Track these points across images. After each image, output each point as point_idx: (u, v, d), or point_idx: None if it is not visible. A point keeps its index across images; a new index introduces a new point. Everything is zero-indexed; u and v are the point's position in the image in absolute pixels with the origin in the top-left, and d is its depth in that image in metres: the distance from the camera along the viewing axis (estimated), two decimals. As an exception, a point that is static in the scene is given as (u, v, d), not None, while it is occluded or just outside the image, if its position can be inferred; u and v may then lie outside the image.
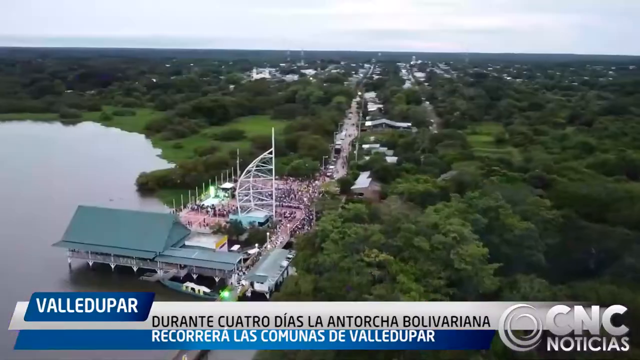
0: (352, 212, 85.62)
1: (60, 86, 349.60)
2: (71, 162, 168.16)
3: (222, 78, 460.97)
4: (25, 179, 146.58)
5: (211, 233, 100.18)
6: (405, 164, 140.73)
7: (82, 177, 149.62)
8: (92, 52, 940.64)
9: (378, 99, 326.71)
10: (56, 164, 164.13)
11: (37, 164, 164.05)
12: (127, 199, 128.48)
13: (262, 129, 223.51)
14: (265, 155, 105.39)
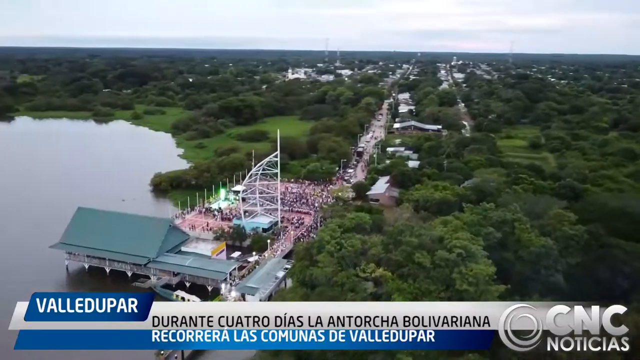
0: (353, 222, 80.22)
1: (98, 85, 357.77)
2: (92, 160, 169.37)
3: (256, 78, 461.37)
4: (42, 176, 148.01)
5: (213, 238, 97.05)
6: (426, 169, 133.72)
7: (100, 175, 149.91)
8: (141, 52, 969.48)
9: (411, 100, 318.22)
10: (77, 162, 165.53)
11: (57, 162, 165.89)
12: (139, 199, 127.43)
13: (288, 130, 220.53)
14: (271, 159, 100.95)
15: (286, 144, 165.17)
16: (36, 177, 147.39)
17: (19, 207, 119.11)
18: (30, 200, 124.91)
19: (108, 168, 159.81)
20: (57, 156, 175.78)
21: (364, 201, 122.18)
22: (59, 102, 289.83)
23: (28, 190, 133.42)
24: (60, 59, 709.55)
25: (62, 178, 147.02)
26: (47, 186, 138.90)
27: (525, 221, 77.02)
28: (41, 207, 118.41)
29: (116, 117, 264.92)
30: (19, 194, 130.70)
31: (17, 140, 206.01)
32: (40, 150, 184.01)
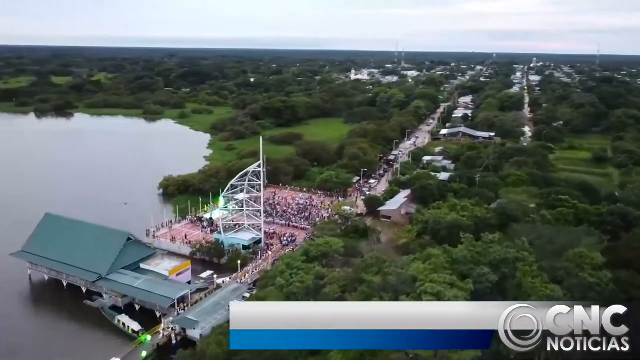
0: (321, 249, 68.30)
1: (159, 84, 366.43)
2: (118, 158, 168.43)
3: (316, 79, 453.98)
4: (61, 173, 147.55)
5: (189, 254, 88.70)
6: (454, 184, 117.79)
7: (118, 175, 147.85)
8: (219, 53, 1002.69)
9: (472, 104, 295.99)
10: (102, 160, 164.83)
11: (82, 160, 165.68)
12: (142, 203, 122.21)
13: (330, 133, 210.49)
14: (255, 169, 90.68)
15: (311, 149, 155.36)
16: (54, 174, 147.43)
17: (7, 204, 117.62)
18: (26, 197, 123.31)
19: (130, 168, 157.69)
20: (85, 153, 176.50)
21: (375, 217, 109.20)
22: (116, 100, 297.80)
23: (31, 187, 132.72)
24: (138, 58, 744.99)
25: (80, 176, 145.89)
26: (58, 183, 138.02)
27: (531, 262, 61.43)
28: (32, 205, 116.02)
29: (165, 115, 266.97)
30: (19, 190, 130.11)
31: (59, 136, 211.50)
32: (74, 147, 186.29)
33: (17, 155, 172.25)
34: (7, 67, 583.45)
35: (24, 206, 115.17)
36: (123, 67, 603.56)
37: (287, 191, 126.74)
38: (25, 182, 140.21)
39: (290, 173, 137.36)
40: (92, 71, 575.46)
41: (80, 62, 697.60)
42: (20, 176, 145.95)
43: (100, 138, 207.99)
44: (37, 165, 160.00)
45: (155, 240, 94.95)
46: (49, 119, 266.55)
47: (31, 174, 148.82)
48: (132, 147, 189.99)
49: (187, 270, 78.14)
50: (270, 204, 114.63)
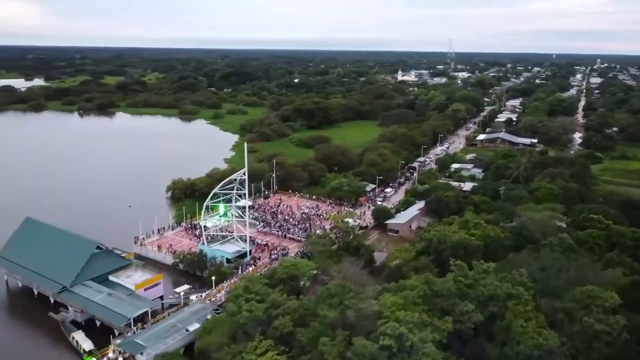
0: (286, 272, 60.70)
1: (202, 84, 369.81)
2: (137, 158, 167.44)
3: (361, 80, 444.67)
4: (73, 173, 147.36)
5: (172, 264, 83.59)
6: (476, 196, 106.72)
7: (133, 176, 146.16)
8: (273, 53, 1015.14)
9: (521, 107, 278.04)
10: (121, 161, 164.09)
11: (100, 161, 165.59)
12: (147, 206, 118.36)
13: (359, 136, 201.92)
14: (240, 177, 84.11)
15: (330, 154, 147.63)
16: (67, 174, 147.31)
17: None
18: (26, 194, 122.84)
19: (147, 168, 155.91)
20: (107, 152, 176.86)
21: (382, 231, 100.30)
22: (156, 99, 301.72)
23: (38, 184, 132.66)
24: (191, 59, 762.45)
25: (92, 176, 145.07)
26: (67, 183, 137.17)
27: (527, 300, 51.47)
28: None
29: (200, 115, 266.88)
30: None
31: (90, 134, 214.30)
32: (98, 145, 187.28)
33: (29, 153, 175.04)
34: (68, 67, 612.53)
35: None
36: (174, 67, 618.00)
37: (295, 198, 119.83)
38: (25, 181, 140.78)
39: (303, 179, 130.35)
40: (145, 71, 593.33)
41: (137, 62, 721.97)
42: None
43: (131, 137, 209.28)
44: (49, 163, 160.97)
45: (142, 248, 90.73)
46: (91, 117, 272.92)
47: (34, 172, 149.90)
48: (157, 146, 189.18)
49: (157, 284, 72.71)
50: (273, 212, 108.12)
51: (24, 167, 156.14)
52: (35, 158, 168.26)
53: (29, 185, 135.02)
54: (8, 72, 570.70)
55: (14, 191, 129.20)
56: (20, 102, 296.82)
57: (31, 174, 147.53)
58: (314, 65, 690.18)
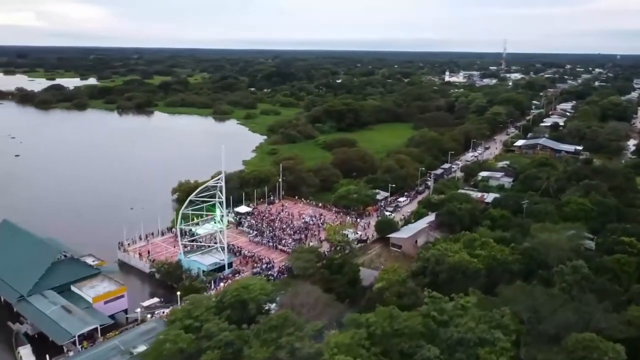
0: (236, 295, 53.68)
1: (242, 84, 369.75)
2: (157, 157, 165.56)
3: (405, 81, 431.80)
4: (92, 172, 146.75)
5: (148, 273, 78.70)
6: (495, 210, 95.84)
7: (145, 175, 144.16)
8: (323, 54, 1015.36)
9: (573, 111, 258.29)
10: (139, 160, 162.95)
11: (120, 158, 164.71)
12: (148, 209, 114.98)
13: (388, 140, 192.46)
14: (217, 183, 77.65)
15: (347, 159, 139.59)
16: (82, 173, 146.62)
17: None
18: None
19: (163, 168, 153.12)
20: (127, 153, 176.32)
21: (385, 246, 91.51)
22: (192, 99, 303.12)
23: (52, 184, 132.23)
24: (240, 59, 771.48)
25: (105, 176, 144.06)
26: (79, 182, 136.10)
27: (504, 348, 42.12)
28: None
29: (233, 115, 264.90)
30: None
31: (122, 133, 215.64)
32: (124, 146, 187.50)
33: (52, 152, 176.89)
34: (122, 67, 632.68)
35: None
36: (222, 67, 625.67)
37: (300, 205, 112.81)
38: (36, 180, 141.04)
39: (315, 184, 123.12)
40: (193, 71, 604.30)
41: (187, 62, 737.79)
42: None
43: (158, 135, 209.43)
44: (66, 162, 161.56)
45: (125, 255, 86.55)
46: (129, 116, 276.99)
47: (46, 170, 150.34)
48: (180, 146, 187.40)
49: (120, 297, 67.68)
50: (271, 219, 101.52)
51: (40, 166, 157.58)
52: (55, 156, 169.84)
53: (38, 185, 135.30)
54: (67, 71, 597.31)
55: (21, 190, 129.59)
56: (66, 100, 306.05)
57: (44, 172, 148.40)
58: (361, 65, 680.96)
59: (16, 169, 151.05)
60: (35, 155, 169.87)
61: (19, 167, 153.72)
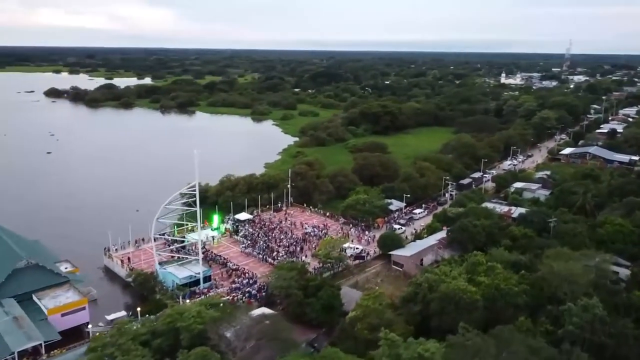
0: (169, 322, 47.41)
1: (286, 85, 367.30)
2: (182, 157, 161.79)
3: (457, 82, 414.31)
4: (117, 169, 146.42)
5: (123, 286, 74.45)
6: (516, 227, 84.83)
7: (164, 175, 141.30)
8: (379, 55, 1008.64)
9: (639, 116, 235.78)
10: (162, 159, 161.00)
11: (143, 157, 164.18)
12: (154, 212, 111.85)
13: (423, 145, 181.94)
14: (189, 191, 71.73)
15: (369, 164, 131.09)
16: (101, 172, 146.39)
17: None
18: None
19: (184, 169, 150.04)
20: (152, 152, 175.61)
21: (387, 263, 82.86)
22: (233, 99, 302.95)
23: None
24: (293, 60, 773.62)
25: (129, 175, 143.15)
26: (104, 180, 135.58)
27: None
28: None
29: (270, 116, 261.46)
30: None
31: (156, 132, 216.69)
32: (153, 145, 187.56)
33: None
34: (178, 67, 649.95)
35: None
36: (274, 67, 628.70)
37: (307, 214, 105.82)
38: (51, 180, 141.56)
39: (328, 191, 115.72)
40: (245, 71, 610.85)
41: (241, 63, 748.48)
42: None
43: (191, 135, 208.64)
44: (90, 161, 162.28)
45: (109, 261, 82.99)
46: (171, 115, 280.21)
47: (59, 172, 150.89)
48: (209, 146, 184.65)
49: (81, 309, 63.45)
50: (270, 229, 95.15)
51: (66, 164, 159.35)
52: (85, 154, 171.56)
53: (56, 182, 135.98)
54: (126, 71, 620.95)
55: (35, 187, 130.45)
56: (114, 99, 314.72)
57: (68, 170, 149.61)
58: (415, 66, 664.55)
59: (42, 166, 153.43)
60: (66, 153, 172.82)
61: (45, 164, 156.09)
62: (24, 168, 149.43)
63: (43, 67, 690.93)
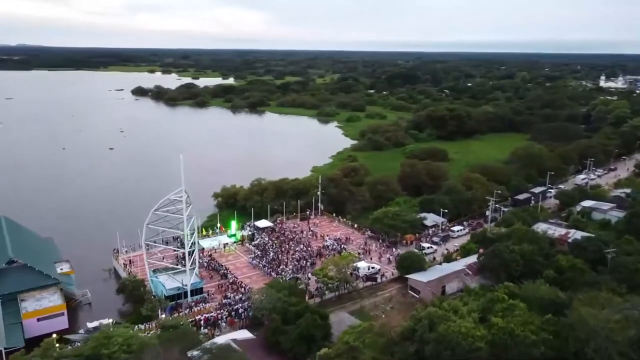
0: (94, 348, 42.34)
1: (358, 86, 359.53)
2: (233, 158, 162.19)
3: (547, 85, 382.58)
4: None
5: (116, 290, 71.52)
6: (562, 257, 71.46)
7: (210, 178, 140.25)
8: (468, 56, 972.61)
9: None
10: (214, 160, 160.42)
11: (194, 157, 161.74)
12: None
13: (490, 153, 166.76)
14: (176, 197, 66.42)
15: (414, 173, 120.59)
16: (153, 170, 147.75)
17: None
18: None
19: (233, 171, 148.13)
20: (206, 152, 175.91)
21: (404, 286, 73.18)
22: (303, 99, 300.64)
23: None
24: (375, 61, 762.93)
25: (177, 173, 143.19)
26: (151, 179, 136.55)
27: None
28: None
29: (336, 118, 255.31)
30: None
31: (220, 130, 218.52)
32: (211, 144, 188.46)
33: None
34: (262, 68, 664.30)
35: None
36: (355, 68, 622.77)
37: (334, 224, 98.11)
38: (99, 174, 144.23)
39: (364, 200, 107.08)
40: (326, 72, 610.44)
41: (323, 64, 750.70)
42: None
43: (252, 134, 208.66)
44: (148, 157, 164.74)
45: (115, 263, 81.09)
46: (241, 114, 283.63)
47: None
48: (265, 147, 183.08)
49: (59, 314, 61.03)
50: (290, 238, 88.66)
51: (125, 160, 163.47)
52: (145, 151, 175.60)
53: (105, 177, 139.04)
54: (213, 71, 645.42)
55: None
56: (191, 97, 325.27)
57: (123, 166, 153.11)
58: (506, 68, 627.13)
59: (102, 160, 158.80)
60: (129, 149, 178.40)
61: (101, 159, 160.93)
62: (79, 164, 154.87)
63: (141, 67, 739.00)
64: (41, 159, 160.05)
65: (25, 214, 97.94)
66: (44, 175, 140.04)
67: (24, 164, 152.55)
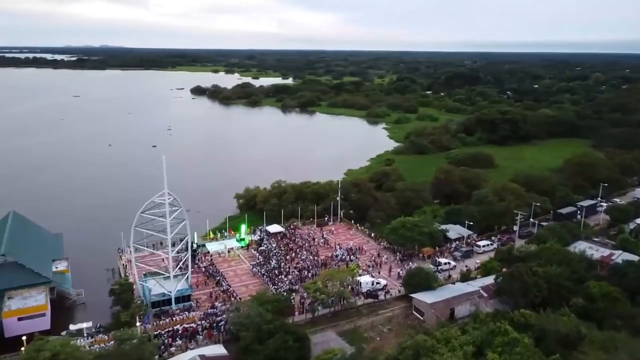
0: None
1: (414, 86, 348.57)
2: (272, 158, 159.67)
3: (623, 87, 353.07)
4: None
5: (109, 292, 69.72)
6: (592, 283, 61.86)
7: (242, 178, 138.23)
8: (544, 56, 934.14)
9: None
10: (251, 159, 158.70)
11: (232, 156, 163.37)
12: (204, 213, 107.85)
13: (544, 160, 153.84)
14: (160, 200, 62.76)
15: (448, 180, 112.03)
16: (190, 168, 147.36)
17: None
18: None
19: (267, 171, 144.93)
20: (245, 151, 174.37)
21: (409, 306, 66.25)
22: (354, 100, 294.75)
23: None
24: (438, 61, 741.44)
25: (215, 173, 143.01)
26: (189, 177, 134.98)
27: None
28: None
29: (386, 119, 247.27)
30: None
31: (263, 129, 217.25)
32: (251, 143, 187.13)
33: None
34: (322, 68, 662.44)
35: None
36: (417, 69, 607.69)
37: (351, 232, 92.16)
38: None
39: (390, 208, 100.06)
40: (387, 73, 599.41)
41: (386, 64, 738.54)
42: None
43: (299, 134, 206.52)
44: (190, 156, 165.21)
45: (118, 263, 79.79)
46: (292, 114, 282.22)
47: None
48: (307, 148, 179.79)
49: (41, 315, 59.77)
50: (299, 246, 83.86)
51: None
52: (188, 150, 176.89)
53: (141, 173, 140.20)
54: (274, 71, 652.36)
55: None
56: (245, 97, 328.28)
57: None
58: (581, 69, 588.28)
59: (143, 156, 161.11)
60: (172, 147, 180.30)
61: (142, 156, 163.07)
62: (118, 159, 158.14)
63: (206, 67, 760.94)
64: (83, 156, 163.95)
65: (46, 210, 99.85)
66: (79, 173, 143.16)
67: (66, 161, 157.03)
